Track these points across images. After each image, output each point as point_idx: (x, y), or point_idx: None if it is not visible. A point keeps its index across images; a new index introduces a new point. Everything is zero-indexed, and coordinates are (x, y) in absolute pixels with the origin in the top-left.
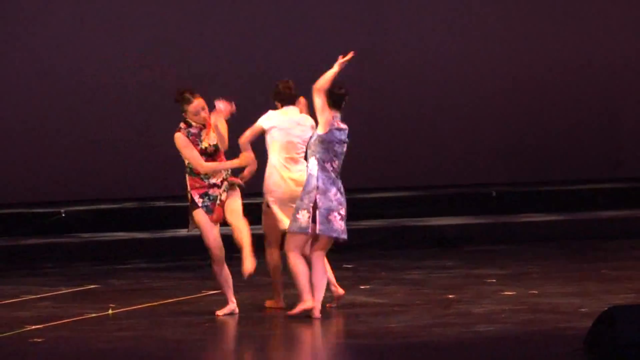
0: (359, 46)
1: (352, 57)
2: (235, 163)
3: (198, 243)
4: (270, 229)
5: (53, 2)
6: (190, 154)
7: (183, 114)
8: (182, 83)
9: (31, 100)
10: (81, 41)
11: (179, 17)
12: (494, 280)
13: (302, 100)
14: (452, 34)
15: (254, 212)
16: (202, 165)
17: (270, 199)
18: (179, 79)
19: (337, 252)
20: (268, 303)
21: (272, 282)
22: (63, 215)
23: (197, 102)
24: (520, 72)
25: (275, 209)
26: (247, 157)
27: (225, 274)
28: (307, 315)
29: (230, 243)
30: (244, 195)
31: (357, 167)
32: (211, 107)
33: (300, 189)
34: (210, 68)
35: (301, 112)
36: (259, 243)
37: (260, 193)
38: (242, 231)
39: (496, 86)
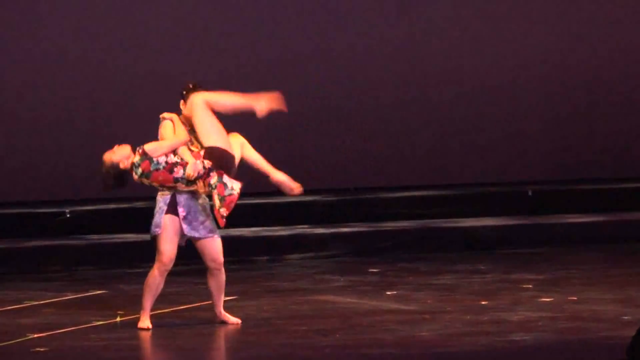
0: (386, 41)
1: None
2: None
3: None
4: None
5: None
6: None
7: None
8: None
9: (34, 96)
10: (87, 40)
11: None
12: (531, 286)
13: None
14: (490, 30)
15: None
16: None
17: None
18: (186, 77)
19: (363, 256)
20: None
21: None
22: (68, 215)
23: None
24: (560, 68)
25: None
26: None
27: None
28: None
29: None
30: None
31: (382, 165)
32: None
33: None
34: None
35: None
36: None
37: None
38: None
39: (534, 83)
